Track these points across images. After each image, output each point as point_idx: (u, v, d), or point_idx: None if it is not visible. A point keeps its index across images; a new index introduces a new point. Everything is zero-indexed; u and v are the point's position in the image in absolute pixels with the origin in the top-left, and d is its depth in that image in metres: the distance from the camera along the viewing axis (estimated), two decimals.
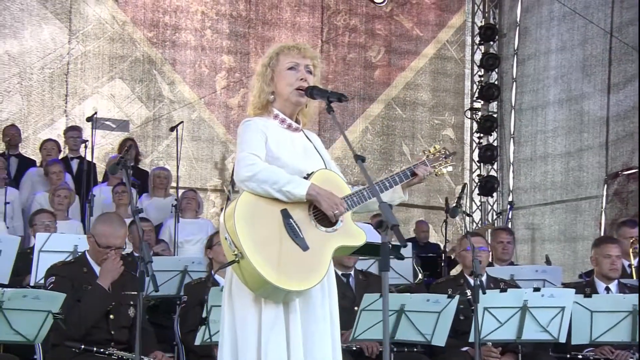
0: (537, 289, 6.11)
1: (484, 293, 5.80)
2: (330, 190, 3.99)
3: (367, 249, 5.24)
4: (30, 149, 10.99)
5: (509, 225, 12.42)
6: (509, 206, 12.87)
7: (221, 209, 9.21)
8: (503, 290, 6.12)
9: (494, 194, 13.92)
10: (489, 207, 14.04)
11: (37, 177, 9.86)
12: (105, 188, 9.60)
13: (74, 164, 10.37)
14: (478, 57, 14.12)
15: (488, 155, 13.88)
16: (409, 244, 7.92)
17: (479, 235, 7.30)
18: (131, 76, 11.89)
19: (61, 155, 10.86)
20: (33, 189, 9.74)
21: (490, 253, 7.67)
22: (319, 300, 4.02)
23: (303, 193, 3.92)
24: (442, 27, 13.86)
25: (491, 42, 14.09)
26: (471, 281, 6.87)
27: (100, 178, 10.59)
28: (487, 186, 13.85)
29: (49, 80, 11.48)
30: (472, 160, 14.17)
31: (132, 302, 5.77)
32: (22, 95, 11.39)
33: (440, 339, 6.08)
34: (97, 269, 5.72)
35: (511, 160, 13.82)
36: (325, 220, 4.00)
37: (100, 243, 5.67)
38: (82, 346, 5.39)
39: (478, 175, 14.05)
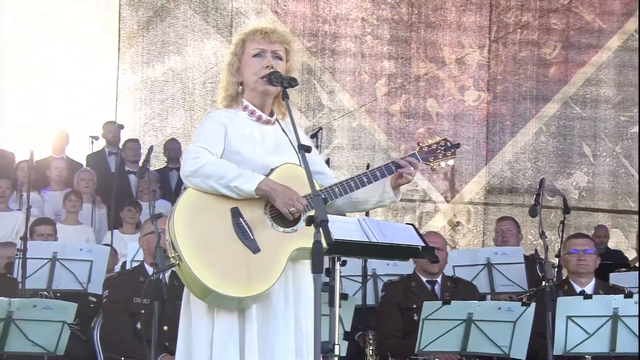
0: (628, 295, 5.42)
1: (553, 300, 5.21)
2: (289, 186, 3.64)
3: (399, 252, 4.86)
4: None
5: None
6: None
7: None
8: (587, 297, 5.45)
9: None
10: None
11: None
12: None
13: None
14: None
15: None
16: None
17: (584, 236, 6.58)
18: None
19: None
20: None
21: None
22: (281, 309, 3.64)
23: (252, 189, 3.58)
24: (629, 16, 12.76)
25: None
26: (576, 287, 6.25)
27: None
28: None
29: (210, 95, 11.73)
30: None
31: None
32: (185, 110, 11.75)
33: (519, 351, 5.55)
34: None
35: None
36: (286, 219, 3.67)
37: (151, 248, 5.63)
38: (122, 358, 5.36)
39: None
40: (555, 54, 12.47)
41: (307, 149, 3.60)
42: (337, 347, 4.70)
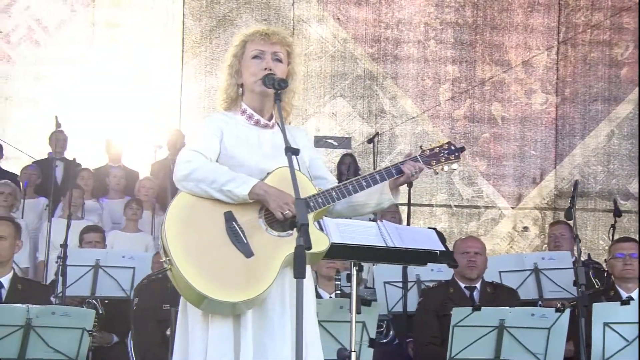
0: None
1: (585, 306, 4.99)
2: (283, 190, 3.57)
3: (416, 256, 4.75)
4: None
5: None
6: None
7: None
8: (625, 302, 5.21)
9: None
10: None
11: None
12: None
13: None
14: None
15: None
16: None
17: (631, 240, 6.30)
18: (352, 93, 11.83)
19: None
20: None
21: None
22: (277, 316, 3.58)
23: (245, 192, 3.54)
24: None
25: None
26: (622, 293, 6.00)
27: None
28: None
29: None
30: None
31: None
32: None
33: (555, 359, 5.32)
34: None
35: None
36: (281, 223, 3.60)
37: None
38: None
39: None
40: (627, 53, 12.06)
41: (295, 152, 3.52)
42: (354, 354, 4.62)
